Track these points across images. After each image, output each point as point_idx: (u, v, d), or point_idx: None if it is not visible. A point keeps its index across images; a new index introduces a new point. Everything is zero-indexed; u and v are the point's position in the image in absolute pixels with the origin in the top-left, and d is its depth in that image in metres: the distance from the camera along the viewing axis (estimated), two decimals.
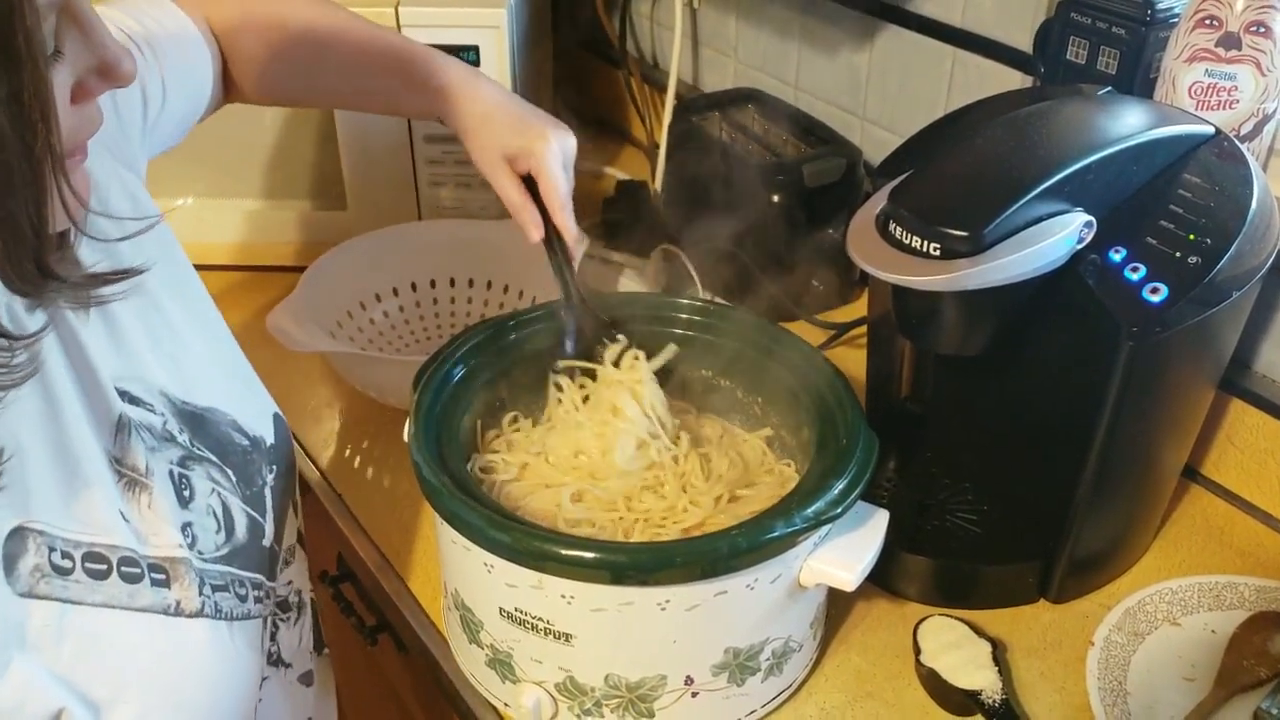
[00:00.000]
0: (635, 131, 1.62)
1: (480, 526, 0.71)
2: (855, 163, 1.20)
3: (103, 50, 0.50)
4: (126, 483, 0.63)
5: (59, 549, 0.57)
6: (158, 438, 0.67)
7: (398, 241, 1.19)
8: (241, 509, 0.73)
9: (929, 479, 0.96)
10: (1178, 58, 0.87)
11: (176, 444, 0.69)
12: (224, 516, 0.71)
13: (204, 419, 0.72)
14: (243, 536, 0.72)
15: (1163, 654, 0.84)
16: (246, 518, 0.73)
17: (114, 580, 0.60)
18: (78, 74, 0.50)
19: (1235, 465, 0.99)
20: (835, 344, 1.18)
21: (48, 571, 0.56)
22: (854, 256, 0.77)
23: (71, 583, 0.57)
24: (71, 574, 0.57)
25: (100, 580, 0.59)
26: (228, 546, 0.70)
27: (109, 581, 0.59)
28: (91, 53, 0.50)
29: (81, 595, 0.58)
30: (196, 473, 0.69)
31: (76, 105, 0.50)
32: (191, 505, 0.68)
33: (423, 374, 0.84)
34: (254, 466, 0.76)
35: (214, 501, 0.70)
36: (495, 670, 0.78)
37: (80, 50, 0.49)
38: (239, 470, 0.74)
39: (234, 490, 0.73)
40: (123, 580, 0.60)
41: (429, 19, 1.17)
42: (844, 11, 1.27)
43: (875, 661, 0.85)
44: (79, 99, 0.50)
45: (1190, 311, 0.75)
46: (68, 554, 0.58)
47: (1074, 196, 0.74)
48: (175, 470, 0.68)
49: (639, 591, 0.70)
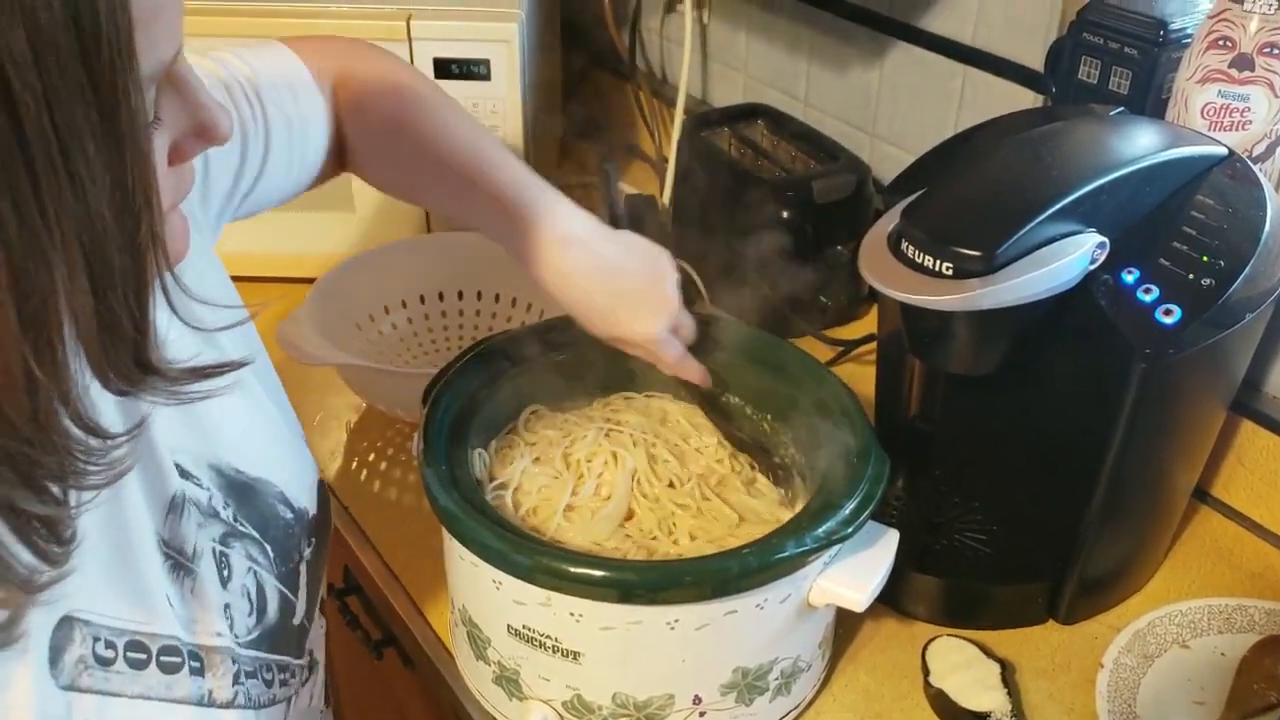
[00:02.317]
0: (644, 146, 1.63)
1: (489, 544, 0.70)
2: (865, 179, 1.20)
3: (201, 111, 0.48)
4: (173, 566, 0.60)
5: (103, 639, 0.54)
6: (204, 514, 0.64)
7: (407, 254, 1.19)
8: (275, 587, 0.70)
9: (938, 498, 0.96)
10: (1190, 79, 0.87)
11: (220, 520, 0.65)
12: (257, 597, 0.67)
13: (253, 490, 0.69)
14: (274, 617, 0.69)
15: (1172, 677, 0.83)
16: (279, 596, 0.70)
17: (152, 670, 0.57)
18: (174, 136, 0.48)
19: (1245, 486, 0.99)
20: (843, 360, 1.18)
21: (91, 663, 0.54)
22: (866, 275, 0.77)
23: (113, 674, 0.55)
24: (113, 665, 0.55)
25: (140, 670, 0.56)
26: (259, 629, 0.67)
27: (148, 672, 0.57)
28: (189, 114, 0.48)
29: (121, 687, 0.55)
30: (235, 550, 0.66)
31: (173, 167, 0.48)
32: (229, 585, 0.65)
33: (432, 388, 0.84)
34: (293, 542, 0.73)
35: (249, 581, 0.67)
36: (502, 687, 0.78)
37: (178, 112, 0.47)
38: (278, 546, 0.70)
39: (270, 569, 0.69)
40: (161, 670, 0.57)
41: (441, 33, 1.17)
42: (854, 28, 1.27)
43: (884, 681, 0.84)
44: (174, 161, 0.48)
45: (1203, 333, 0.74)
46: (111, 644, 0.55)
47: (1087, 217, 0.74)
48: (216, 549, 0.64)
49: (648, 610, 0.69)
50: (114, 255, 0.41)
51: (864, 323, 1.25)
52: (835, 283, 1.21)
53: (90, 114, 0.38)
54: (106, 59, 0.38)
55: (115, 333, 0.42)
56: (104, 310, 0.41)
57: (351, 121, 0.83)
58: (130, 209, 0.41)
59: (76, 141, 0.38)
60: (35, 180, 0.37)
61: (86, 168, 0.38)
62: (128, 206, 0.40)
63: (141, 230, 0.41)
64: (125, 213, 0.41)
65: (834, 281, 1.20)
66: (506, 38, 1.18)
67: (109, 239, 0.40)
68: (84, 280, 0.40)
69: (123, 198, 0.40)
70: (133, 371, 0.44)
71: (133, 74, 0.39)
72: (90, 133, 0.38)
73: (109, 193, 0.40)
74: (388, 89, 0.83)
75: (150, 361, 0.45)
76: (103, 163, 0.39)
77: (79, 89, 0.37)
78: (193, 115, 0.48)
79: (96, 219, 0.39)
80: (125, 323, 0.42)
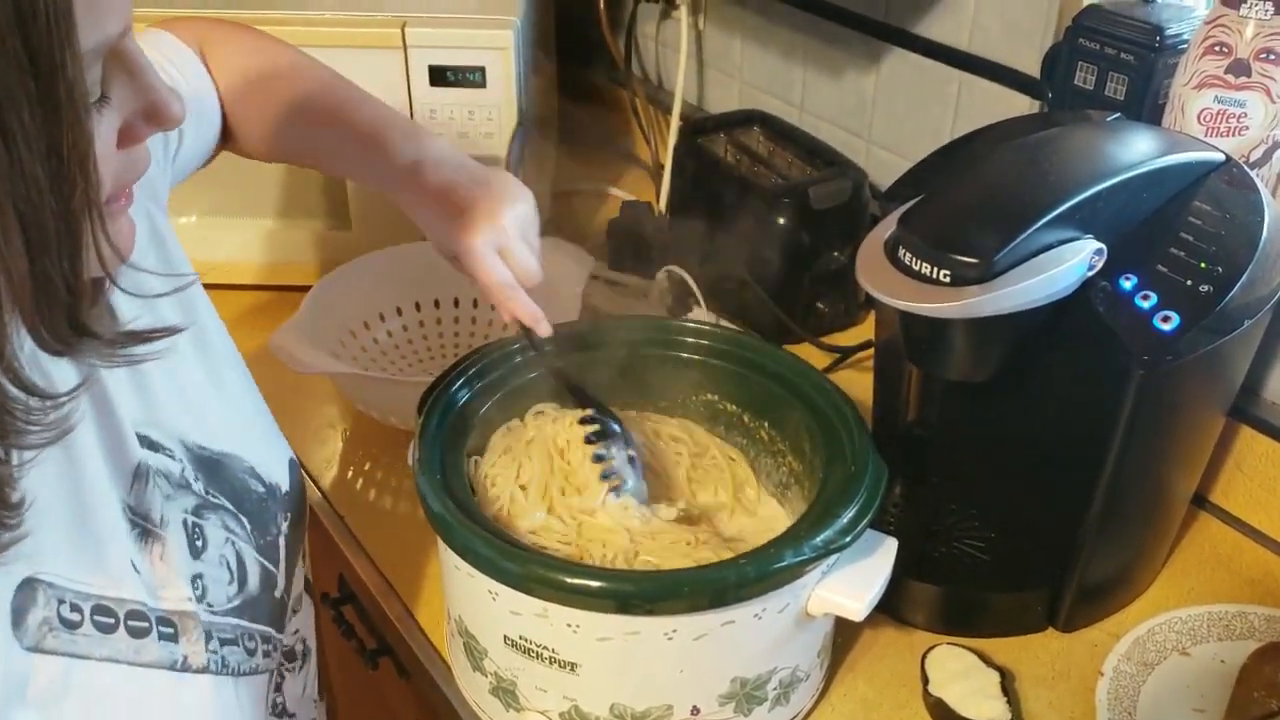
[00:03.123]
0: (640, 152, 1.62)
1: (485, 554, 0.70)
2: (861, 185, 1.19)
3: (152, 93, 0.49)
4: (140, 533, 0.61)
5: (68, 601, 0.55)
6: (174, 485, 0.65)
7: (402, 261, 1.19)
8: (255, 559, 0.71)
9: (936, 505, 0.95)
10: (1187, 84, 0.86)
11: (192, 492, 0.67)
12: (237, 567, 0.69)
13: (221, 465, 0.70)
14: (255, 587, 0.70)
15: (1172, 684, 0.83)
16: (259, 568, 0.71)
17: (121, 634, 0.58)
18: (124, 117, 0.48)
19: (1244, 493, 0.98)
20: (840, 367, 1.18)
21: (55, 625, 0.54)
22: (863, 282, 0.77)
23: (79, 636, 0.56)
24: (80, 627, 0.56)
25: (108, 634, 0.57)
26: (240, 598, 0.69)
27: (116, 635, 0.58)
28: (140, 96, 0.48)
29: (88, 649, 0.56)
30: (211, 521, 0.68)
31: (123, 149, 0.49)
32: (204, 555, 0.66)
33: (428, 397, 0.83)
34: (269, 515, 0.74)
35: (227, 551, 0.68)
36: (499, 698, 0.77)
37: (128, 94, 0.48)
38: (254, 519, 0.72)
39: (248, 540, 0.71)
40: (129, 634, 0.59)
41: (436, 40, 1.17)
42: (850, 34, 1.27)
43: (882, 691, 0.84)
44: (125, 143, 0.49)
45: (1201, 340, 0.74)
46: (76, 606, 0.56)
47: (1084, 223, 0.74)
48: (189, 519, 0.66)
49: (645, 621, 0.69)
50: (48, 219, 0.42)
51: (861, 329, 1.24)
52: (832, 289, 1.20)
53: (26, 80, 0.39)
54: (43, 27, 0.39)
55: (50, 295, 0.43)
56: (38, 273, 0.42)
57: (226, 94, 0.85)
58: (65, 175, 0.42)
59: (11, 106, 0.39)
60: None
61: (22, 133, 0.40)
62: (62, 173, 0.42)
63: (76, 196, 0.42)
64: (60, 178, 0.42)
65: (831, 288, 1.20)
66: (502, 45, 1.17)
67: (44, 204, 0.41)
68: (19, 243, 0.41)
69: (58, 164, 0.41)
70: (67, 333, 0.45)
71: (71, 46, 0.40)
72: (25, 99, 0.39)
73: (44, 159, 0.41)
74: (245, 45, 0.86)
75: (85, 324, 0.46)
76: (38, 129, 0.40)
77: (14, 55, 0.39)
78: (143, 97, 0.49)
79: (31, 183, 0.40)
80: (59, 285, 0.43)
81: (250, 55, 0.86)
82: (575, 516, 0.81)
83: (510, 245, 0.80)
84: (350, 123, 0.85)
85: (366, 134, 0.85)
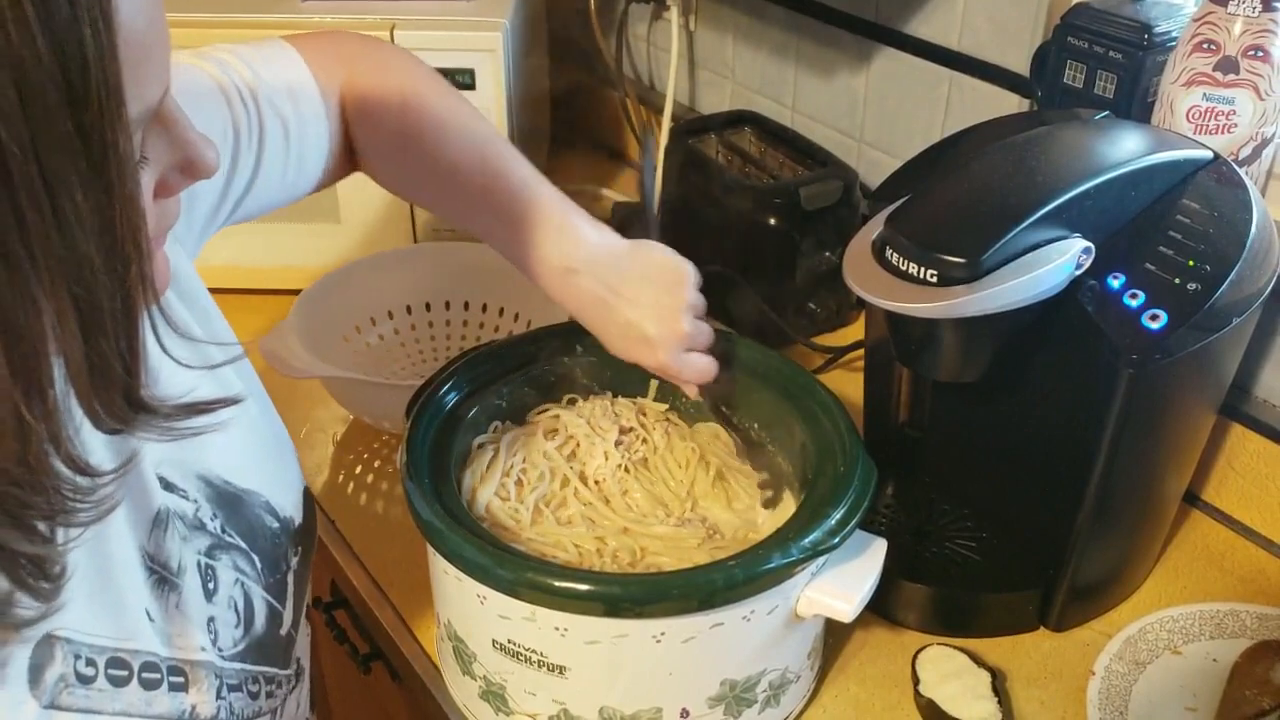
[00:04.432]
0: (632, 154, 1.62)
1: (472, 559, 0.70)
2: (852, 185, 1.19)
3: (187, 147, 0.48)
4: (156, 580, 0.60)
5: (84, 656, 0.54)
6: (189, 526, 0.63)
7: (392, 265, 1.19)
8: (263, 598, 0.69)
9: (927, 505, 0.95)
10: (1175, 82, 0.86)
11: (206, 532, 0.65)
12: (244, 608, 0.67)
13: (241, 501, 0.69)
14: (261, 628, 0.69)
15: (1164, 683, 0.83)
16: (266, 607, 0.70)
17: (133, 687, 0.57)
18: (160, 172, 0.47)
19: (1236, 490, 0.98)
20: (831, 368, 1.17)
21: (72, 681, 0.53)
22: (850, 283, 0.77)
23: (94, 691, 0.54)
24: (94, 682, 0.54)
25: (120, 688, 0.56)
26: (245, 641, 0.67)
27: (129, 689, 0.56)
28: (175, 150, 0.47)
29: (101, 705, 0.55)
30: (222, 562, 0.66)
31: (156, 202, 0.48)
32: (215, 598, 0.65)
33: (416, 401, 0.83)
34: (280, 551, 0.72)
35: (236, 593, 0.67)
36: (489, 702, 0.77)
37: (164, 148, 0.47)
38: (265, 556, 0.70)
39: (258, 579, 0.69)
40: (142, 687, 0.57)
41: (425, 42, 1.17)
42: (841, 34, 1.27)
43: (874, 692, 0.84)
44: (159, 196, 0.48)
45: (1190, 338, 0.74)
46: (91, 661, 0.54)
47: (1072, 222, 0.74)
48: (203, 561, 0.64)
49: (634, 624, 0.69)
50: (103, 299, 0.41)
51: (853, 329, 1.24)
52: (823, 289, 1.20)
53: (79, 162, 0.38)
54: (95, 108, 0.38)
55: (106, 375, 0.42)
56: (94, 354, 0.41)
57: (359, 128, 0.82)
58: (119, 253, 0.41)
59: (64, 189, 0.38)
60: (24, 228, 0.37)
61: (75, 214, 0.38)
62: (116, 251, 0.40)
63: (131, 273, 0.41)
64: (114, 257, 0.40)
65: (822, 288, 1.20)
66: (491, 47, 1.17)
67: (98, 284, 0.40)
68: (74, 325, 0.40)
69: (111, 242, 0.40)
70: (124, 411, 0.44)
71: (121, 121, 0.39)
72: (78, 180, 0.38)
73: (97, 238, 0.40)
74: (392, 97, 0.81)
75: (142, 400, 0.45)
76: (90, 209, 0.39)
77: (67, 138, 0.37)
78: (179, 151, 0.48)
79: (85, 264, 0.39)
80: (115, 364, 0.42)
81: (398, 86, 0.81)
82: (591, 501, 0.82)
83: (693, 339, 0.80)
84: (497, 201, 0.80)
85: (516, 217, 0.80)
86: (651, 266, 0.81)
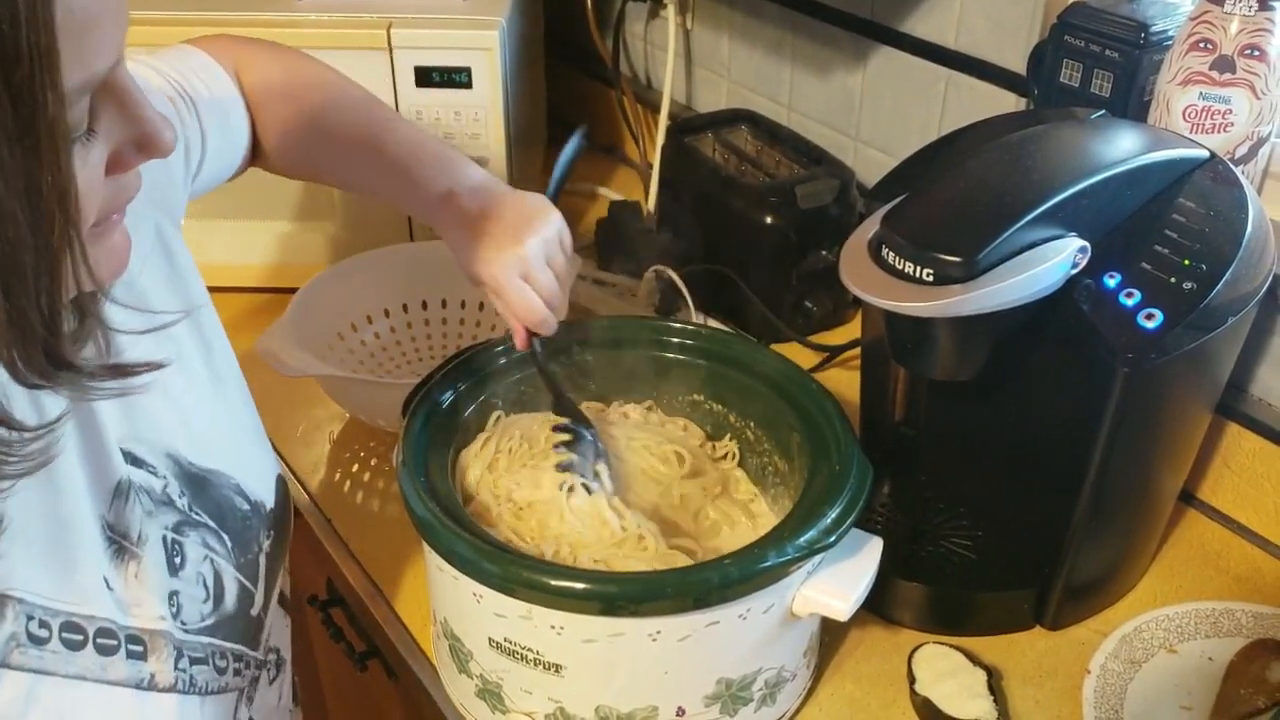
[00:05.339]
0: (628, 151, 1.62)
1: (469, 557, 0.70)
2: (848, 184, 1.19)
3: (143, 124, 0.48)
4: (116, 550, 0.61)
5: (37, 618, 0.55)
6: (156, 501, 0.65)
7: (389, 263, 1.18)
8: (234, 577, 0.71)
9: (923, 504, 0.95)
10: (1172, 81, 0.86)
11: (174, 508, 0.66)
12: (214, 585, 0.69)
13: (208, 482, 0.70)
14: (231, 606, 0.70)
15: (1160, 682, 0.83)
16: (238, 586, 0.71)
17: (89, 651, 0.58)
18: (114, 146, 0.48)
19: (1232, 489, 0.98)
20: (828, 366, 1.18)
21: (23, 641, 0.54)
22: (847, 282, 0.77)
23: (47, 653, 0.55)
24: (47, 644, 0.56)
25: (75, 651, 0.57)
26: (214, 616, 0.68)
27: (83, 653, 0.57)
28: (130, 126, 0.48)
29: (55, 666, 0.56)
30: (191, 539, 0.67)
31: (111, 176, 0.48)
32: (181, 573, 0.66)
33: (412, 399, 0.83)
34: (251, 533, 0.74)
35: (205, 569, 0.68)
36: (485, 700, 0.77)
37: (117, 123, 0.47)
38: (236, 537, 0.71)
39: (228, 558, 0.70)
40: (97, 652, 0.58)
41: (421, 41, 1.17)
42: (837, 33, 1.27)
43: (869, 690, 0.84)
44: (114, 170, 0.48)
45: (1186, 337, 0.74)
46: (45, 623, 0.56)
47: (1068, 221, 0.74)
48: (169, 536, 0.65)
49: (630, 622, 0.69)
50: (25, 256, 0.42)
51: (849, 328, 1.24)
52: (820, 288, 1.20)
53: (5, 119, 0.39)
54: (25, 70, 0.39)
55: (25, 330, 0.43)
56: (14, 309, 0.42)
57: (259, 115, 0.85)
58: (43, 211, 0.41)
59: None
60: None
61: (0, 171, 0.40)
62: (41, 210, 0.41)
63: (55, 234, 0.42)
64: (38, 216, 0.41)
65: (818, 287, 1.20)
66: (487, 45, 1.17)
67: (20, 241, 0.41)
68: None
69: (36, 202, 0.41)
70: (45, 367, 0.45)
71: (54, 86, 0.40)
72: (4, 137, 0.39)
73: (23, 196, 0.40)
74: (277, 81, 0.85)
75: (63, 358, 0.46)
76: (17, 167, 0.40)
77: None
78: (134, 127, 0.48)
79: (8, 221, 0.40)
80: (35, 321, 0.43)
81: (285, 73, 0.86)
82: (521, 498, 0.82)
83: (532, 270, 0.80)
84: (384, 148, 0.85)
85: (400, 160, 0.85)
86: (523, 203, 0.83)
